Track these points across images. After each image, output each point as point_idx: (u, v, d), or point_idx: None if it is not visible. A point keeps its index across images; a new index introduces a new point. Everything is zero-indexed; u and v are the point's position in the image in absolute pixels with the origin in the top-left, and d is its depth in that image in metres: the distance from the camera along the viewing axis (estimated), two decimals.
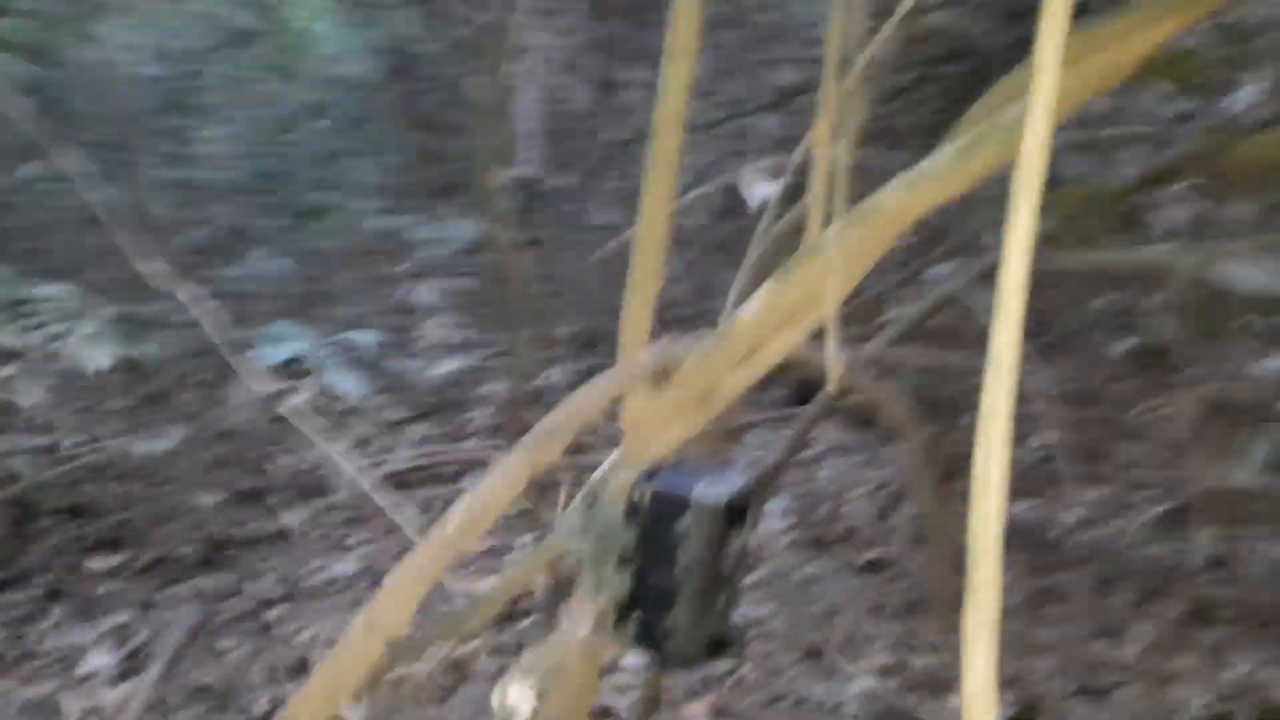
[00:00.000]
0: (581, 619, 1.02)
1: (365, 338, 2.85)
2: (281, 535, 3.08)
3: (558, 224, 5.66)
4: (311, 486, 3.47)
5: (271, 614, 2.59)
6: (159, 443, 3.01)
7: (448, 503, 3.22)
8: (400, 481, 3.51)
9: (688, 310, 3.79)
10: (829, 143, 0.94)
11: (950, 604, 2.50)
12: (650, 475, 1.05)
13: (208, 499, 3.11)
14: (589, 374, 1.05)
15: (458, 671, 2.22)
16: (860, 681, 2.16)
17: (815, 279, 0.97)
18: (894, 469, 2.96)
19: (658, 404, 1.06)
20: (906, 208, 0.88)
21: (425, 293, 5.78)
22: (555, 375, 4.29)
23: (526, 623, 2.37)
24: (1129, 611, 2.50)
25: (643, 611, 1.05)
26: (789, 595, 2.67)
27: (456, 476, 3.71)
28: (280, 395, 2.43)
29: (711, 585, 1.04)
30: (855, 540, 3.06)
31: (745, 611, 1.92)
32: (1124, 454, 2.41)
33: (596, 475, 1.10)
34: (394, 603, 0.84)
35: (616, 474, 1.07)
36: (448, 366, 4.80)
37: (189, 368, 3.47)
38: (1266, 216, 2.35)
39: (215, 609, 2.63)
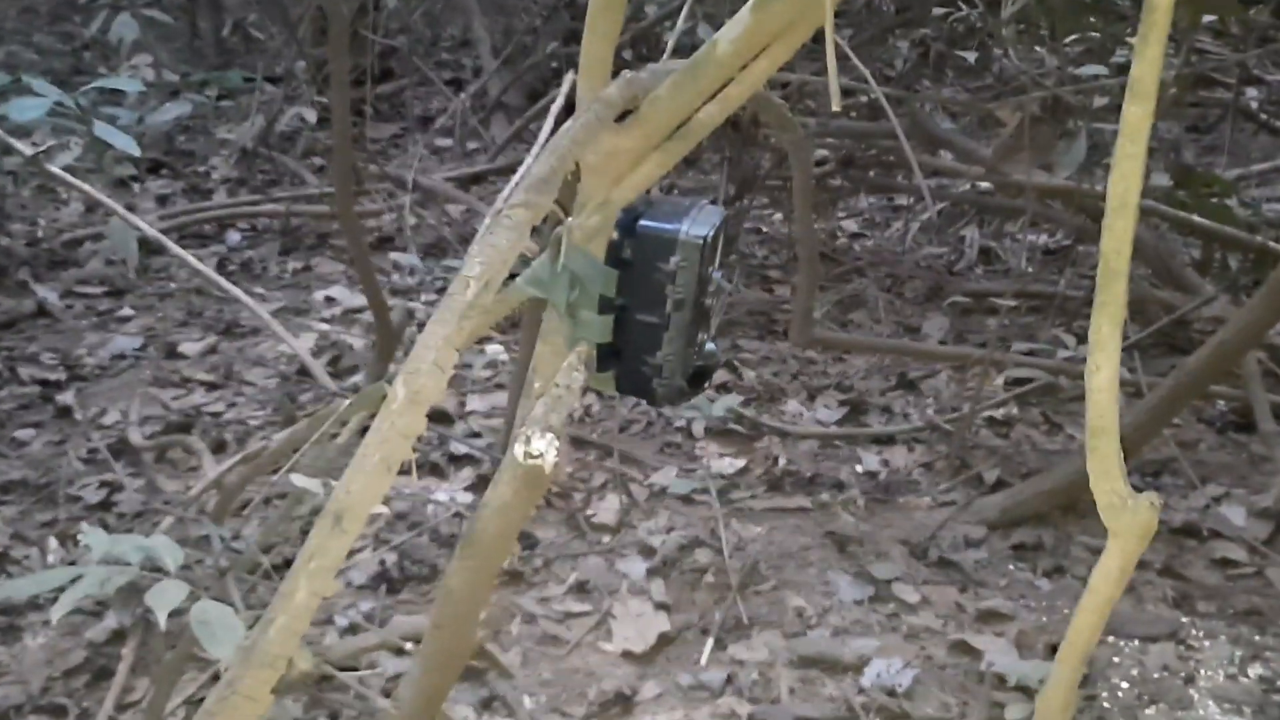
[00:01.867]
0: (575, 366, 1.01)
1: (128, 84, 2.51)
2: (43, 313, 2.79)
3: None
4: (58, 258, 3.13)
5: (64, 397, 2.38)
6: None
7: (222, 260, 2.99)
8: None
9: None
10: None
11: (764, 321, 2.66)
12: (626, 218, 1.03)
13: None
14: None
15: None
16: (701, 400, 2.28)
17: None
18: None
19: (623, 142, 1.02)
20: None
21: (124, 26, 5.09)
22: (308, 115, 3.99)
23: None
24: (920, 308, 2.75)
25: (625, 353, 1.06)
26: None
27: (220, 232, 3.46)
28: (44, 154, 2.13)
29: (697, 319, 1.05)
30: None
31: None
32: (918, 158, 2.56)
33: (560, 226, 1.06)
34: (431, 372, 0.80)
35: (584, 219, 1.04)
36: (173, 113, 4.32)
37: None
38: None
39: None
